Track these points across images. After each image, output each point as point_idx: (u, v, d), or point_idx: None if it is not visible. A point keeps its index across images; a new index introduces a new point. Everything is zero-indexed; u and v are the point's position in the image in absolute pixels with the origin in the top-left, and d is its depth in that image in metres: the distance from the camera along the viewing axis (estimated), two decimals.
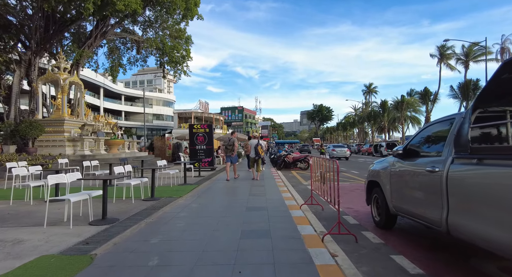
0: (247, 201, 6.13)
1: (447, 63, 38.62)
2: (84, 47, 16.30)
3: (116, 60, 21.30)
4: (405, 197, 3.74)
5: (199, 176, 11.20)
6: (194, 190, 7.74)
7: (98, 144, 14.59)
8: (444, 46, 37.06)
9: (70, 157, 12.51)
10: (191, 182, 9.30)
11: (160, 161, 9.08)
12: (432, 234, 4.10)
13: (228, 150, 9.90)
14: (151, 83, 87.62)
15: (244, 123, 76.87)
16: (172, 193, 7.12)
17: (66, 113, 13.20)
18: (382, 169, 4.43)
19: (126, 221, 4.59)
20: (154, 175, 6.54)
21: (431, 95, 32.73)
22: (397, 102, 38.01)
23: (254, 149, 10.07)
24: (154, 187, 6.53)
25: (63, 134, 13.14)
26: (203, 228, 4.16)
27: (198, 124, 14.04)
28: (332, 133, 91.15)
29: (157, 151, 20.74)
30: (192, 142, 13.89)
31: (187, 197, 6.64)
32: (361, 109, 67.75)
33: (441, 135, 3.43)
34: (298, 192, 7.54)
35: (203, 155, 13.84)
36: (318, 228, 4.25)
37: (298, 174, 12.76)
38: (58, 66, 13.23)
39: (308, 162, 14.69)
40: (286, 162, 14.62)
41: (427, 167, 3.25)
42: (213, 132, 14.58)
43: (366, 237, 4.00)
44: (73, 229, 4.10)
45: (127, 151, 17.14)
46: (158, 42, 20.16)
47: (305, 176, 11.68)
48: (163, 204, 5.84)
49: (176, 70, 22.25)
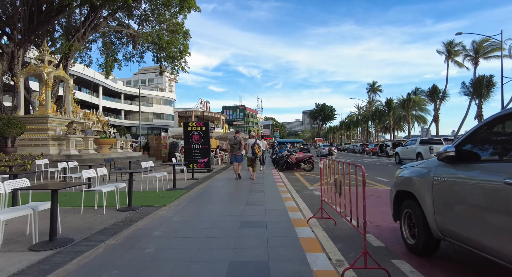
0: (243, 213, 5.04)
1: (454, 60, 37.31)
2: (73, 40, 15.27)
3: (111, 55, 20.27)
4: (461, 218, 2.64)
5: (192, 179, 10.12)
6: (182, 196, 6.67)
7: (87, 143, 13.55)
8: (451, 42, 35.74)
9: (53, 157, 11.49)
10: (181, 186, 8.23)
11: (146, 162, 8.02)
12: (495, 266, 2.99)
13: (234, 149, 9.87)
14: (153, 82, 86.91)
15: (245, 123, 75.78)
16: (155, 201, 6.05)
17: (51, 110, 12.17)
18: (418, 177, 3.32)
19: (82, 243, 3.52)
20: (131, 180, 5.47)
21: (440, 92, 31.37)
22: (403, 100, 36.65)
23: (251, 148, 10.17)
24: (131, 195, 5.46)
25: (47, 132, 12.11)
26: (178, 257, 3.08)
27: (193, 122, 12.97)
28: (335, 132, 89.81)
29: (153, 150, 19.68)
30: (187, 141, 12.82)
31: (171, 207, 5.56)
32: (365, 108, 66.48)
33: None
34: (304, 199, 6.45)
35: (199, 155, 12.76)
36: (334, 256, 3.17)
37: (302, 176, 11.66)
38: (42, 58, 12.19)
39: (313, 163, 13.58)
40: (288, 163, 13.51)
41: (504, 177, 2.15)
42: (212, 130, 13.50)
43: (401, 271, 2.90)
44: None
45: (119, 150, 16.10)
46: (154, 36, 19.13)
47: (310, 179, 10.58)
48: (139, 217, 4.77)
49: (174, 66, 21.25)
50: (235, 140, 9.94)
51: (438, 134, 31.34)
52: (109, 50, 20.42)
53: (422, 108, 41.11)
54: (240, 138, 10.03)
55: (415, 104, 36.57)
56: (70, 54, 15.44)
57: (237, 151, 9.85)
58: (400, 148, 19.07)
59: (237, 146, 9.85)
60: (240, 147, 9.88)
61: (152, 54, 21.60)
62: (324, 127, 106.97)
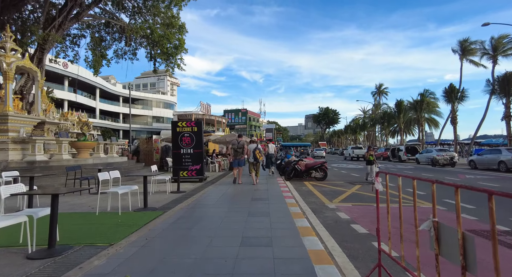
0: (234, 266, 2.91)
1: (470, 59, 35.10)
2: (49, 29, 13.35)
3: (99, 50, 18.31)
4: None
5: (177, 192, 7.99)
6: (149, 224, 4.54)
7: (60, 147, 11.52)
8: (466, 40, 33.60)
9: (11, 164, 9.45)
10: (156, 205, 6.11)
11: (107, 173, 5.90)
12: None
13: (238, 153, 9.78)
14: (155, 86, 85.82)
15: (247, 126, 73.71)
16: (103, 234, 3.94)
17: (12, 107, 10.16)
18: None
19: None
20: (54, 206, 3.36)
21: (458, 92, 29.00)
22: (415, 101, 34.27)
23: (252, 153, 9.96)
24: (54, 228, 3.35)
25: (7, 134, 10.09)
26: None
27: (183, 121, 10.88)
28: (340, 136, 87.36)
29: (143, 155, 17.61)
30: (175, 145, 10.73)
31: (119, 249, 3.43)
32: (371, 111, 64.16)
33: None
34: (330, 230, 4.30)
35: (190, 161, 10.66)
36: None
37: (315, 187, 9.52)
38: (3, 46, 10.25)
39: (326, 170, 11.41)
40: (297, 171, 11.36)
41: None
42: (211, 133, 11.41)
43: None
44: None
45: (102, 155, 14.01)
46: (146, 29, 17.24)
47: (326, 191, 8.42)
48: (49, 274, 2.66)
49: (169, 63, 19.30)
50: (238, 144, 9.83)
51: (456, 138, 28.88)
52: (98, 45, 18.52)
53: (433, 110, 38.82)
54: (243, 142, 9.93)
55: (429, 105, 34.18)
56: (46, 46, 13.50)
57: (240, 155, 9.77)
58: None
59: (240, 151, 9.77)
60: (243, 151, 9.78)
61: (146, 51, 19.77)
62: (328, 131, 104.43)
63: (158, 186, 8.90)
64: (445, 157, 20.00)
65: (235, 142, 9.97)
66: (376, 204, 2.58)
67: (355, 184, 10.36)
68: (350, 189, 8.98)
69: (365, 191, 8.51)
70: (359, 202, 6.81)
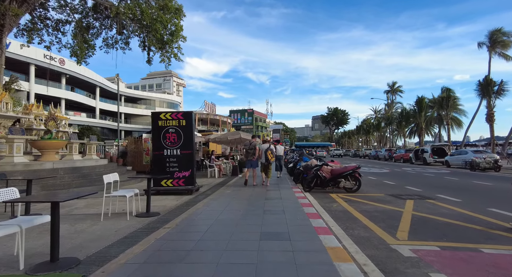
0: None
1: (499, 52, 31.75)
2: (10, 1, 10.82)
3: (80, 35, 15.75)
4: None
5: (146, 215, 5.19)
6: None
7: (11, 147, 8.91)
8: (499, 30, 30.25)
9: None
10: (81, 253, 3.33)
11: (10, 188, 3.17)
12: None
13: (249, 154, 9.57)
14: (161, 86, 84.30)
15: (254, 127, 70.94)
16: None
17: None
18: None
19: None
20: None
21: (495, 85, 25.52)
22: (441, 98, 30.84)
23: (264, 153, 9.72)
24: None
25: None
26: None
27: (167, 113, 8.08)
28: (351, 137, 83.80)
29: (130, 158, 14.94)
30: (157, 144, 7.96)
31: None
32: (383, 111, 60.71)
33: None
34: None
35: (176, 166, 7.87)
36: None
37: (349, 203, 6.64)
38: None
39: (359, 178, 8.49)
40: (320, 178, 8.46)
41: None
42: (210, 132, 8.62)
43: None
44: None
45: (76, 157, 11.31)
46: (136, 10, 14.66)
47: (370, 212, 5.51)
48: None
49: (164, 53, 16.67)
50: (250, 145, 9.67)
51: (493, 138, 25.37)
52: (85, 31, 15.99)
53: (457, 108, 35.45)
54: (255, 143, 9.75)
55: (454, 103, 30.87)
56: (5, 21, 10.97)
57: (252, 156, 9.53)
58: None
59: (252, 152, 9.55)
60: (255, 152, 9.55)
61: (139, 39, 17.21)
62: (336, 132, 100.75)
63: (122, 203, 6.11)
64: (487, 159, 16.84)
65: (248, 143, 9.99)
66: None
67: (402, 197, 7.45)
68: (404, 209, 6.08)
69: (431, 213, 5.61)
70: (444, 240, 3.92)
